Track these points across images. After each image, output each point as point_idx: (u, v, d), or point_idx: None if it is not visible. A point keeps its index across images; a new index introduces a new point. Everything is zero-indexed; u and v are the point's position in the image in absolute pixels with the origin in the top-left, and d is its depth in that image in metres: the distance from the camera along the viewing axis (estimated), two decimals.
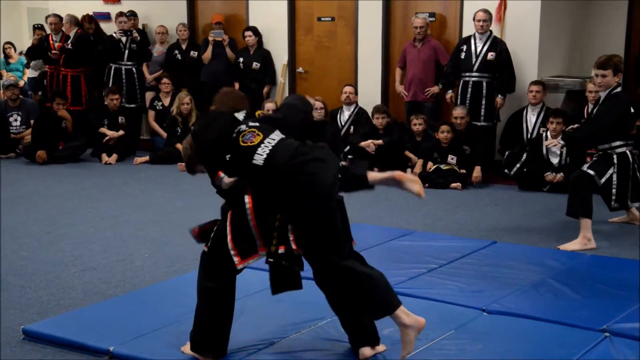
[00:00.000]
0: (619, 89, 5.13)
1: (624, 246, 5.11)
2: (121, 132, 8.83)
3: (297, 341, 3.45)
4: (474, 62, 7.51)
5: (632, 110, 5.21)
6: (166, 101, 9.17)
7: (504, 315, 3.72)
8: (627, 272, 4.38)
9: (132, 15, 9.45)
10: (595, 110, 5.19)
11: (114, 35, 9.22)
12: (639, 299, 3.86)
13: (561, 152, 6.98)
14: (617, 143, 5.13)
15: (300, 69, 9.14)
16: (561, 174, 6.88)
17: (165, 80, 9.12)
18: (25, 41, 13.50)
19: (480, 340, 3.40)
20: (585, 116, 6.52)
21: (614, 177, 5.13)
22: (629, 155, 5.18)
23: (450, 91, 7.79)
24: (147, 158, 8.67)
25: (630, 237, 5.36)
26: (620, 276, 4.30)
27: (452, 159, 7.39)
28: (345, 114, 8.25)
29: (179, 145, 8.65)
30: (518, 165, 7.15)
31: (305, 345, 3.40)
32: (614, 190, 5.17)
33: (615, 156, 5.14)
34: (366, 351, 3.24)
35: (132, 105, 9.32)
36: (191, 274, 4.50)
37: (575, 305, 3.82)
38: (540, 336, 3.46)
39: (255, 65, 8.96)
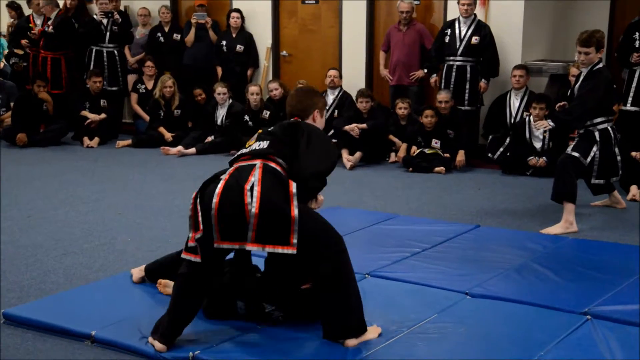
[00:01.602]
0: (600, 65, 5.11)
1: (605, 230, 5.14)
2: (103, 115, 8.73)
3: (280, 324, 3.44)
4: (458, 46, 7.49)
5: (614, 85, 5.23)
6: (149, 84, 9.08)
7: (487, 298, 3.72)
8: (609, 255, 4.41)
9: None
10: (578, 87, 5.16)
11: (94, 17, 9.10)
12: (621, 282, 3.89)
13: (544, 137, 7.00)
14: (599, 119, 5.13)
15: (284, 52, 9.08)
16: (544, 158, 6.91)
17: (149, 63, 9.03)
18: (3, 22, 13.25)
19: (463, 323, 3.41)
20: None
21: (597, 154, 5.15)
22: (610, 131, 5.18)
23: (435, 75, 7.78)
24: (129, 141, 8.60)
25: (612, 220, 5.39)
26: (601, 259, 4.33)
27: (436, 143, 7.39)
28: (330, 98, 8.21)
29: (161, 129, 8.60)
30: (501, 149, 7.16)
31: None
32: (595, 167, 5.18)
33: (597, 133, 5.13)
34: (350, 342, 3.19)
35: (114, 88, 9.22)
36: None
37: (558, 289, 3.83)
38: (522, 319, 3.48)
39: (239, 48, 8.88)
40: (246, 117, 8.29)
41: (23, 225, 5.25)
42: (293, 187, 3.09)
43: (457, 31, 7.52)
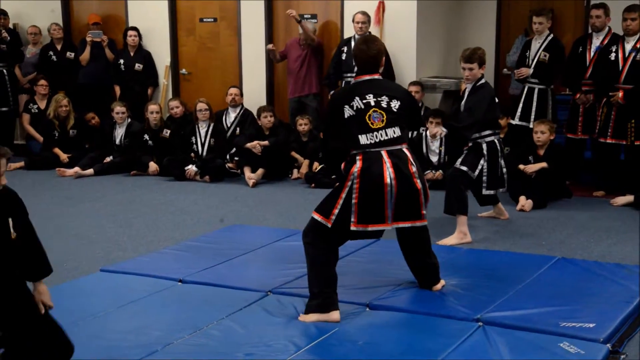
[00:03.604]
0: (483, 81, 5.34)
1: (496, 239, 5.38)
2: None
3: (181, 346, 3.41)
4: (354, 63, 7.65)
5: (497, 100, 5.50)
6: (42, 104, 8.78)
7: (387, 310, 3.82)
8: (500, 264, 4.61)
9: (1, 14, 8.97)
10: (464, 102, 5.36)
11: None
12: (511, 289, 4.08)
13: (440, 151, 7.25)
14: (487, 132, 5.34)
15: (183, 71, 9.01)
16: (440, 171, 7.15)
17: (42, 82, 8.73)
18: None
19: (363, 335, 3.49)
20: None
21: (485, 166, 5.35)
22: (497, 144, 5.40)
23: (333, 92, 7.91)
24: (22, 164, 8.27)
25: (502, 230, 5.63)
26: (492, 268, 4.51)
27: None
28: (231, 116, 8.21)
29: (57, 150, 8.32)
30: None
31: (191, 350, 3.36)
32: (484, 178, 5.39)
33: (484, 145, 5.34)
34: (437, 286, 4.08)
35: (4, 109, 8.83)
36: (79, 281, 4.33)
37: (452, 297, 3.98)
38: (419, 328, 3.59)
39: (138, 66, 8.75)
40: (146, 136, 8.15)
41: None
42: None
43: (352, 49, 7.69)
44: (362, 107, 3.80)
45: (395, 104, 3.84)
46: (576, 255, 4.88)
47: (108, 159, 8.16)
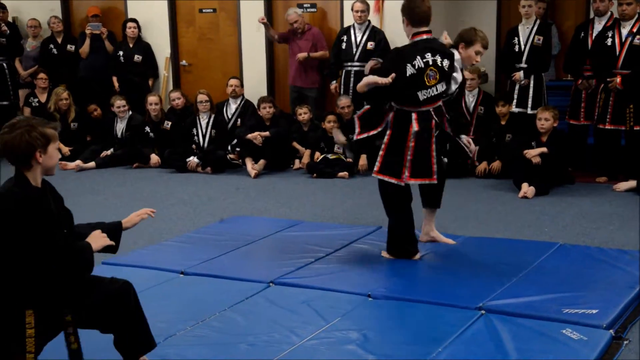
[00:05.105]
0: None
1: (498, 226, 5.34)
2: None
3: (183, 338, 3.41)
4: (354, 52, 7.64)
5: None
6: (42, 97, 8.77)
7: (389, 299, 3.82)
8: (500, 251, 4.58)
9: (0, 7, 8.95)
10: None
11: None
12: (512, 277, 4.07)
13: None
14: None
15: (183, 62, 8.99)
16: (445, 159, 7.13)
17: (41, 75, 8.72)
18: None
19: (364, 325, 3.48)
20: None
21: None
22: None
23: (334, 82, 7.89)
24: None
25: (503, 217, 5.62)
26: (494, 255, 4.49)
27: (338, 148, 7.50)
28: (232, 107, 8.19)
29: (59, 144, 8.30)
30: None
31: (193, 341, 3.37)
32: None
33: None
34: None
35: (5, 103, 8.83)
36: None
37: (454, 286, 3.96)
38: (421, 317, 3.58)
39: (137, 58, 8.73)
40: (147, 129, 8.14)
41: None
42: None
43: (353, 37, 7.67)
44: (422, 65, 4.03)
45: (446, 64, 4.09)
46: (578, 241, 4.87)
47: (109, 151, 8.15)
